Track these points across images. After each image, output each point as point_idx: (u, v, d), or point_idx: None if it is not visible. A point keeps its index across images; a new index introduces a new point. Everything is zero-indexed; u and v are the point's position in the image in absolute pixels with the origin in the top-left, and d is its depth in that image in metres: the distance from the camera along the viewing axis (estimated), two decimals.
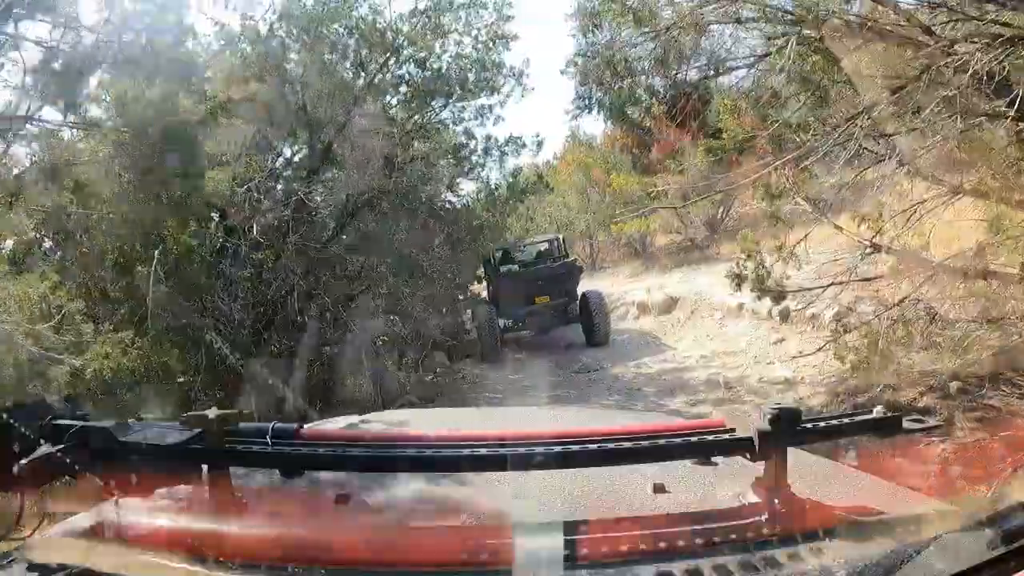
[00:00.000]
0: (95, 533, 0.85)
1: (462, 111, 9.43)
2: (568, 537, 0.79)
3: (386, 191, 7.73)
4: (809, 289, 5.70)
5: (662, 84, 7.95)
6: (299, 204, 7.17)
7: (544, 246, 11.25)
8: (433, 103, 9.03)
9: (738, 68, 7.02)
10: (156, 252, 5.87)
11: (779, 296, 5.60)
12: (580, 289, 10.28)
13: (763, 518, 0.84)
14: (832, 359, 5.65)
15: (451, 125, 9.63)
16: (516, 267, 10.33)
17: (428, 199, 8.62)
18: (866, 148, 4.82)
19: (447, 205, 9.52)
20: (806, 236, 5.52)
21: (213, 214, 7.21)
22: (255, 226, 6.93)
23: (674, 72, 6.87)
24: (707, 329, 9.29)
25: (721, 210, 14.82)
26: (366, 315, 7.64)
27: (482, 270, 10.71)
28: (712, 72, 7.40)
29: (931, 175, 4.55)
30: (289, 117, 7.43)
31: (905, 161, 4.40)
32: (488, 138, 9.84)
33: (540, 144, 10.32)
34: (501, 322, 9.76)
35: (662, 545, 0.80)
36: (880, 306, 5.24)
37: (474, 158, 9.80)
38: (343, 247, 7.77)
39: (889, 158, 4.66)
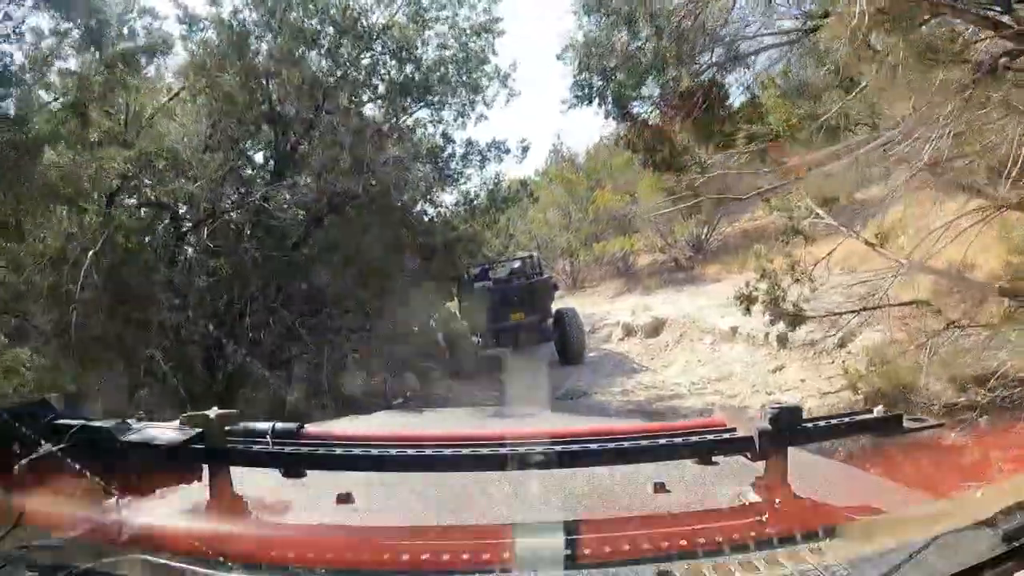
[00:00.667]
0: (95, 533, 0.85)
1: (441, 110, 8.64)
2: (568, 537, 0.79)
3: (355, 196, 6.95)
4: (838, 314, 5.11)
5: (681, 66, 6.94)
6: (259, 207, 6.43)
7: (519, 263, 11.07)
8: (410, 101, 8.25)
9: (773, 47, 6.16)
10: (90, 254, 5.04)
11: (795, 320, 5.10)
12: (560, 307, 10.14)
13: (763, 518, 0.85)
14: (841, 389, 5.24)
15: (428, 126, 8.84)
16: (491, 283, 10.13)
17: (401, 207, 7.83)
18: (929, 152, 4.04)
19: (422, 214, 8.82)
20: (830, 253, 5.10)
21: (163, 215, 6.43)
22: (205, 229, 6.23)
23: (698, 50, 6.02)
24: (698, 354, 8.84)
25: (706, 230, 14.61)
26: (330, 333, 6.97)
27: (455, 287, 10.42)
28: (737, 55, 6.50)
29: (977, 185, 4.11)
30: (251, 110, 6.69)
31: (951, 168, 3.92)
32: (468, 142, 9.07)
33: (526, 149, 9.49)
34: (475, 339, 9.59)
35: (662, 545, 0.80)
36: (899, 331, 4.72)
37: (452, 164, 9.03)
38: (307, 256, 7.03)
39: (945, 165, 4.06)
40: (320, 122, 7.03)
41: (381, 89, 8.15)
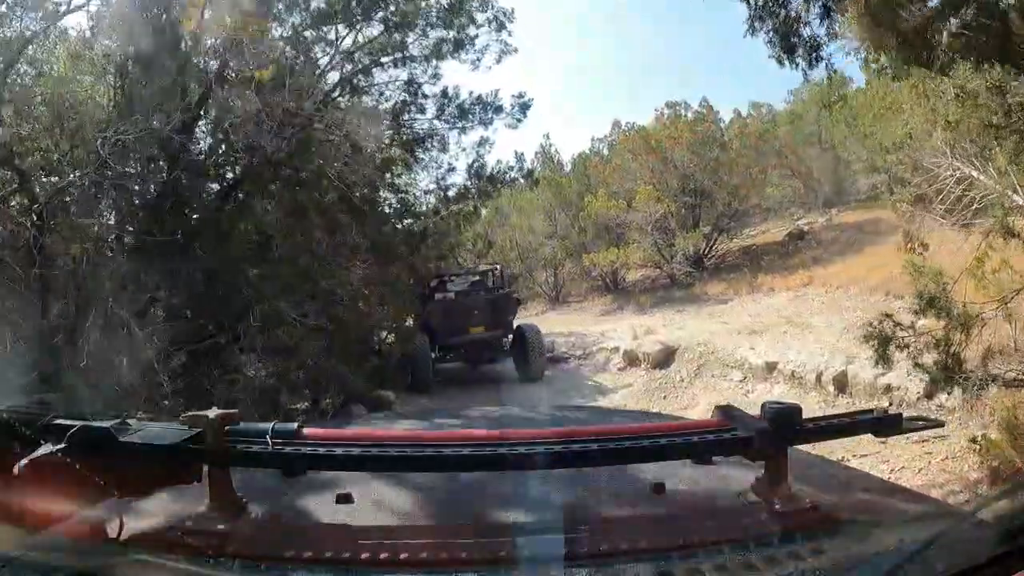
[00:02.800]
0: (95, 533, 0.85)
1: (405, 34, 5.74)
2: (568, 537, 0.79)
3: (276, 163, 4.79)
4: None
5: None
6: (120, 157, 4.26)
7: (480, 275, 10.65)
8: (364, 26, 5.52)
9: None
10: None
11: (982, 384, 3.09)
12: (521, 323, 9.76)
13: (763, 518, 0.85)
14: (931, 456, 3.88)
15: (388, 68, 6.09)
16: (451, 295, 9.70)
17: (344, 184, 5.43)
18: None
19: (376, 198, 6.45)
20: None
21: None
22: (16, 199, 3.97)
23: None
24: (725, 395, 7.19)
25: (705, 244, 13.88)
26: (237, 360, 4.93)
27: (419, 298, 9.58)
28: None
29: None
30: (143, 18, 4.53)
31: None
32: (444, 94, 6.54)
33: (525, 108, 7.16)
34: (434, 353, 9.17)
35: (662, 545, 0.80)
36: None
37: (419, 124, 6.38)
38: (202, 246, 4.83)
39: None
40: (232, 47, 4.68)
41: (322, 3, 5.44)
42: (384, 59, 5.96)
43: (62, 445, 0.79)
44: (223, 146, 5.07)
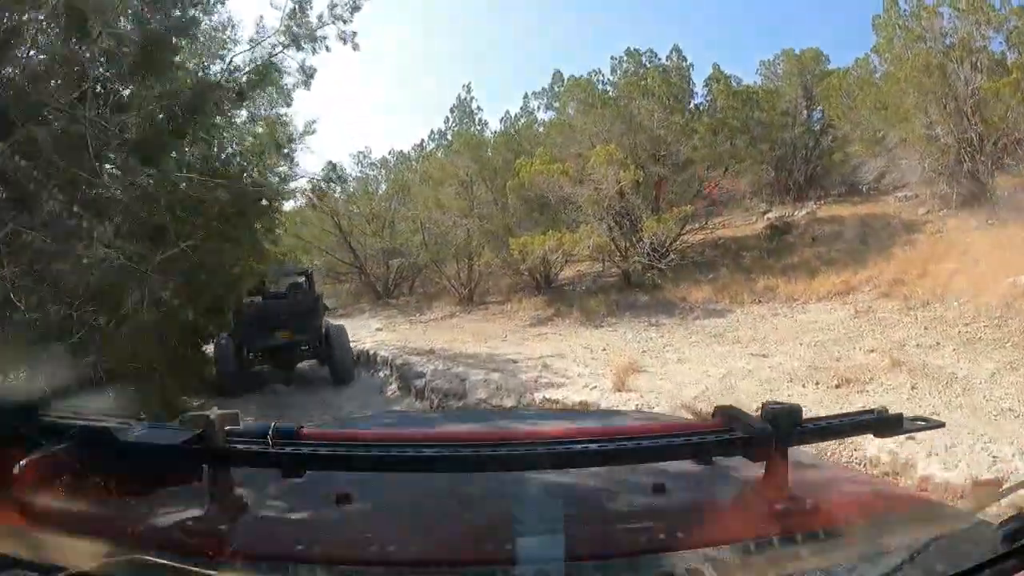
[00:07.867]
0: (96, 533, 0.85)
1: None
2: (568, 537, 0.79)
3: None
4: None
5: None
6: None
7: (293, 279, 10.41)
8: None
9: None
10: None
11: None
12: (328, 325, 9.58)
13: (763, 518, 0.85)
14: None
15: None
16: (259, 300, 9.51)
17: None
18: None
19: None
20: None
21: None
22: None
23: None
24: None
25: (680, 231, 10.60)
26: None
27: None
28: None
29: None
30: None
31: None
32: None
33: None
34: (249, 353, 9.07)
35: (662, 545, 0.80)
36: None
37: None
38: None
39: None
40: None
41: None
42: None
43: (62, 445, 0.79)
44: None
